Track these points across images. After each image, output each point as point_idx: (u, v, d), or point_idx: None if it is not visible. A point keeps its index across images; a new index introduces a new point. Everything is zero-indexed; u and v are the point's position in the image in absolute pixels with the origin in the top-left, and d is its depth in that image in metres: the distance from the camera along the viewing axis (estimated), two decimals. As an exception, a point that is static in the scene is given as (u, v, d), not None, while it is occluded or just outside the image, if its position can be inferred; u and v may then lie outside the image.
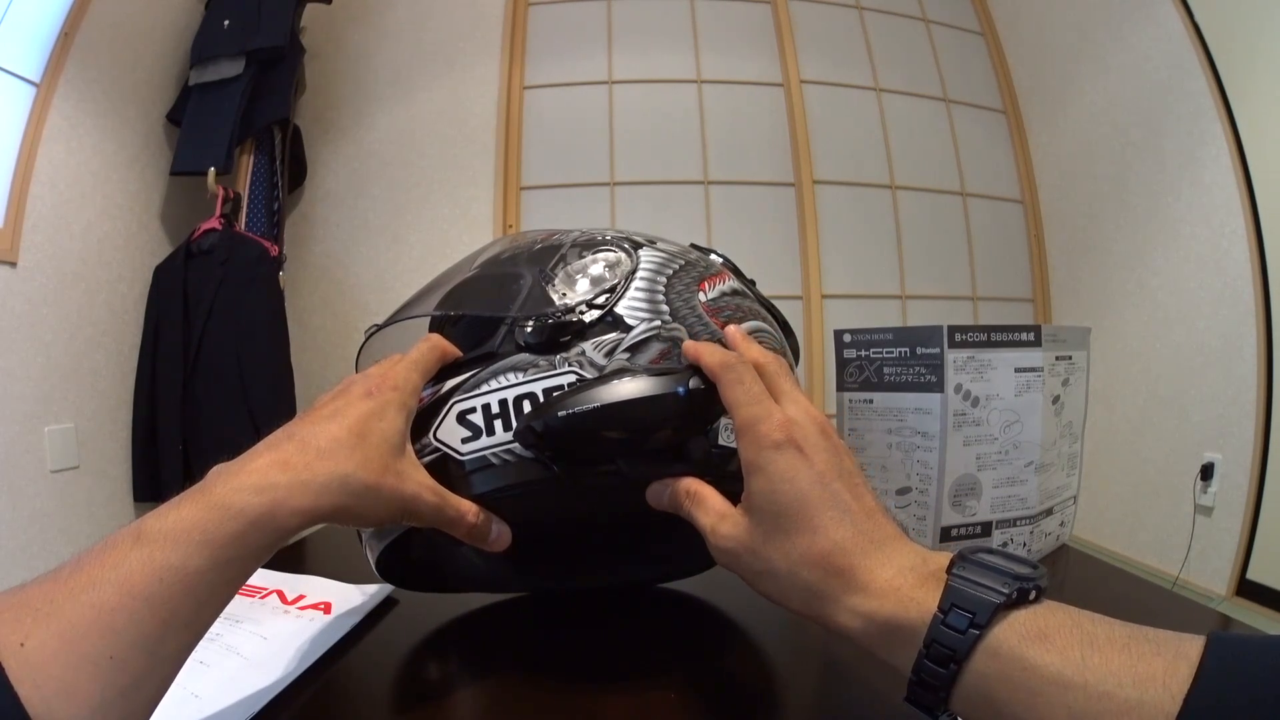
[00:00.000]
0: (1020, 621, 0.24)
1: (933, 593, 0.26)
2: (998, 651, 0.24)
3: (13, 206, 1.64)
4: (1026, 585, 0.25)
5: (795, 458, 0.30)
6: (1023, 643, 0.24)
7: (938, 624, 0.25)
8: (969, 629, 0.24)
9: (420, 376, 0.35)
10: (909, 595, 0.27)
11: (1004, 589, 0.25)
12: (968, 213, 2.55)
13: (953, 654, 0.24)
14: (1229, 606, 1.77)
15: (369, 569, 0.41)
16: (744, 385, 0.32)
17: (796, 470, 0.30)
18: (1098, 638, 0.23)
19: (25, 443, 1.65)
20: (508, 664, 0.41)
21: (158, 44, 2.08)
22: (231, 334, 1.92)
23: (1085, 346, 0.63)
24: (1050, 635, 0.24)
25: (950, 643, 0.24)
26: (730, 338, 0.37)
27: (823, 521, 0.29)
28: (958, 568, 0.27)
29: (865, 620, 0.27)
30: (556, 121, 2.44)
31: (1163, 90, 2.09)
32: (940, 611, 0.25)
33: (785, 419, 0.31)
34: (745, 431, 0.31)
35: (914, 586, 0.27)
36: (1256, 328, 1.82)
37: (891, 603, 0.27)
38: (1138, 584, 0.57)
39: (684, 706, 0.36)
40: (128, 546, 0.26)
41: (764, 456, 0.30)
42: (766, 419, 0.31)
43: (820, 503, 0.29)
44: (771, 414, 0.31)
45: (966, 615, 0.25)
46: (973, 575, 0.26)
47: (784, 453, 0.30)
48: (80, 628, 0.23)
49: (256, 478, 0.29)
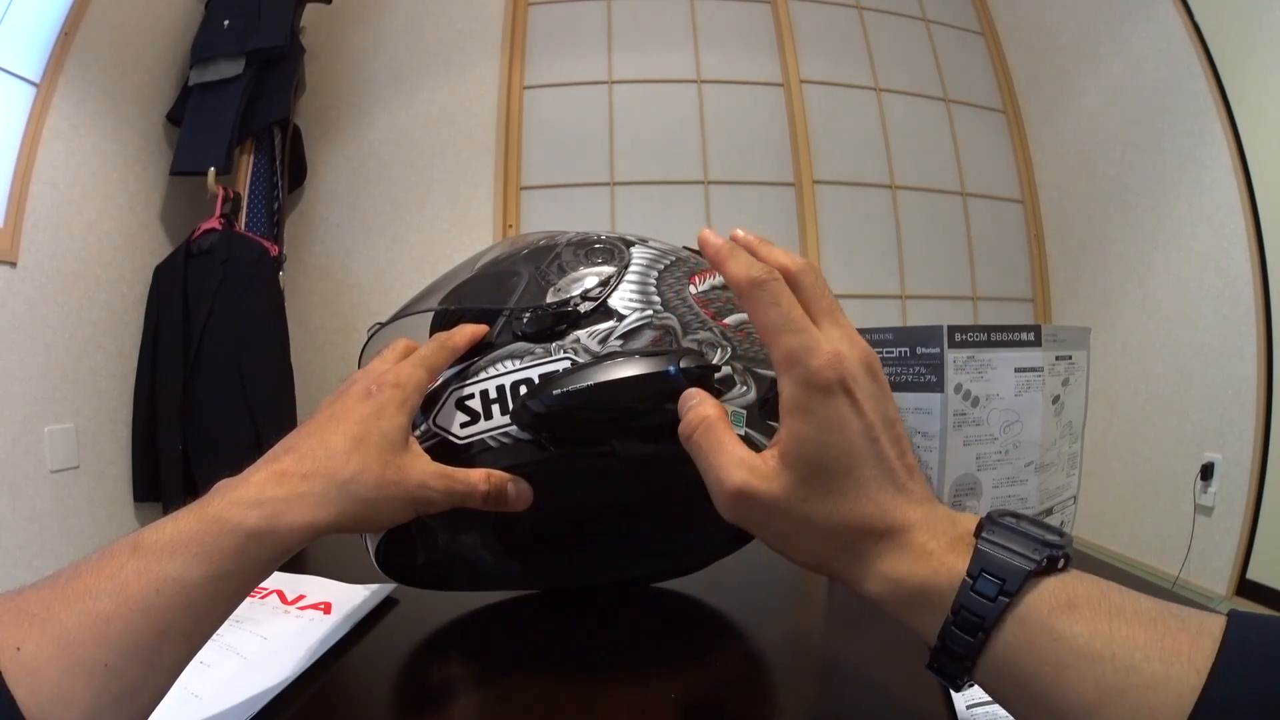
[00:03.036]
0: (1049, 590, 0.24)
1: (962, 557, 0.25)
2: (1026, 620, 0.23)
3: (13, 206, 1.64)
4: (1055, 552, 0.24)
5: (846, 405, 0.27)
6: (1052, 612, 0.23)
7: (967, 590, 0.24)
8: (999, 596, 0.23)
9: (426, 373, 0.35)
10: (940, 559, 0.25)
11: (1034, 555, 0.24)
12: (968, 213, 2.55)
13: (981, 621, 0.24)
14: (1229, 606, 1.76)
15: (369, 569, 0.41)
16: (780, 308, 0.28)
17: (847, 420, 0.27)
18: (1125, 610, 0.23)
19: (25, 443, 1.65)
20: (508, 664, 0.41)
21: (158, 44, 2.08)
22: (231, 334, 1.92)
23: (1085, 346, 0.63)
24: (1079, 605, 0.23)
25: (979, 610, 0.24)
26: (745, 242, 0.31)
27: (868, 482, 0.27)
28: (987, 530, 0.25)
29: (894, 585, 0.26)
30: (556, 121, 2.44)
31: (1163, 90, 2.09)
32: (969, 577, 0.24)
33: (835, 354, 0.27)
34: (789, 366, 0.27)
35: (945, 550, 0.26)
36: (1256, 328, 1.82)
37: (923, 567, 0.25)
38: (1138, 584, 0.57)
39: (684, 706, 0.36)
40: (125, 556, 0.26)
41: (813, 400, 0.27)
42: (814, 352, 0.27)
43: (868, 459, 0.27)
44: (819, 346, 0.27)
45: (996, 582, 0.24)
46: (1002, 540, 0.25)
47: (834, 398, 0.27)
48: (76, 635, 0.23)
49: (255, 491, 0.28)
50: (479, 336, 0.37)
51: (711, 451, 0.29)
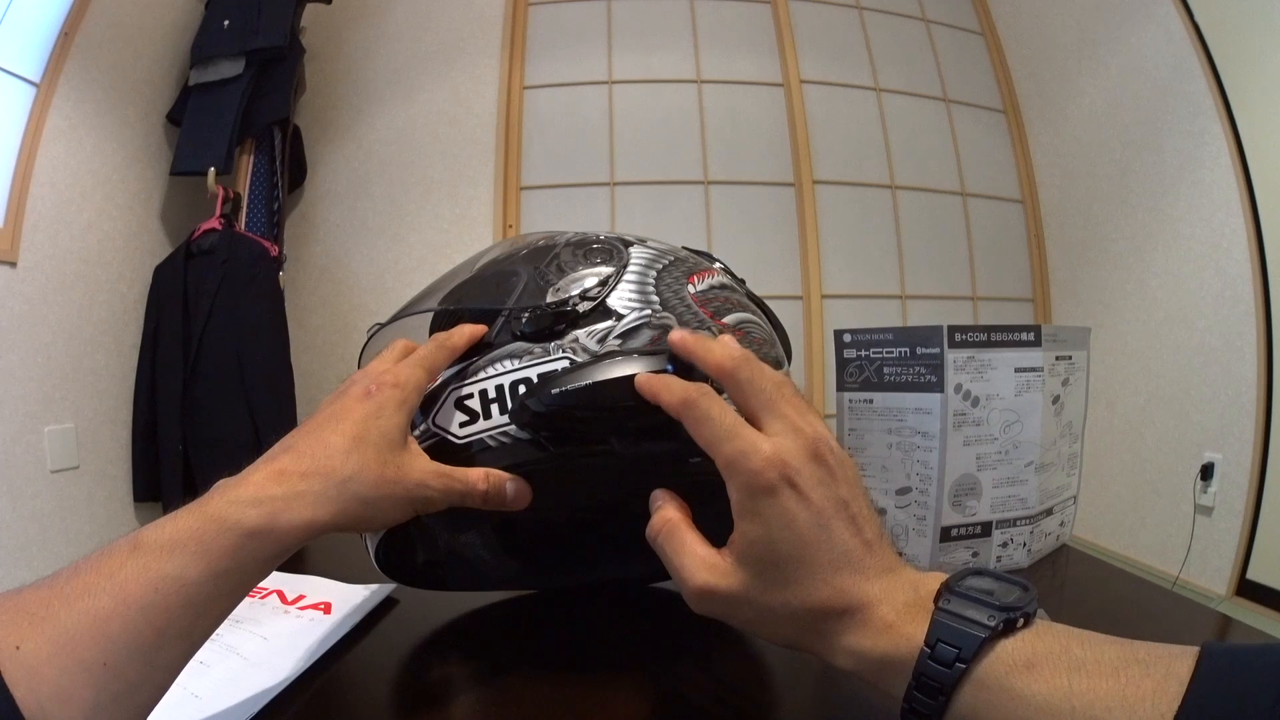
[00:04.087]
0: (1007, 651, 0.24)
1: (920, 626, 0.26)
2: (985, 683, 0.24)
3: (13, 206, 1.64)
4: (1013, 615, 0.25)
5: (791, 499, 0.28)
6: (1010, 673, 0.24)
7: (925, 659, 0.25)
8: (955, 663, 0.24)
9: (425, 373, 0.35)
10: (900, 630, 0.26)
11: (989, 621, 0.25)
12: (968, 213, 2.55)
13: (940, 686, 0.25)
14: (1229, 606, 1.77)
15: (369, 569, 0.41)
16: (713, 420, 0.29)
17: (793, 515, 0.28)
18: (1086, 663, 0.23)
19: (25, 443, 1.65)
20: (508, 664, 0.41)
21: (158, 44, 2.08)
22: (231, 334, 1.92)
23: (1085, 346, 0.63)
24: (1037, 664, 0.24)
25: (937, 677, 0.25)
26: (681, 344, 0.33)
27: (823, 568, 0.28)
28: (943, 600, 0.26)
29: (859, 658, 0.27)
30: (556, 121, 2.44)
31: (1163, 90, 2.10)
32: (927, 646, 0.25)
33: (772, 454, 0.28)
34: (730, 472, 0.29)
35: (905, 621, 0.27)
36: (1256, 328, 1.82)
37: (885, 640, 0.27)
38: (1138, 584, 0.57)
39: (684, 706, 0.36)
40: (124, 555, 0.26)
41: (757, 502, 0.28)
42: (752, 455, 0.28)
43: (820, 547, 0.28)
44: (757, 449, 0.28)
45: (953, 649, 0.25)
46: (958, 608, 0.26)
47: (777, 496, 0.28)
48: (75, 633, 0.23)
49: (253, 490, 0.29)
50: (478, 336, 0.37)
51: (675, 554, 0.31)
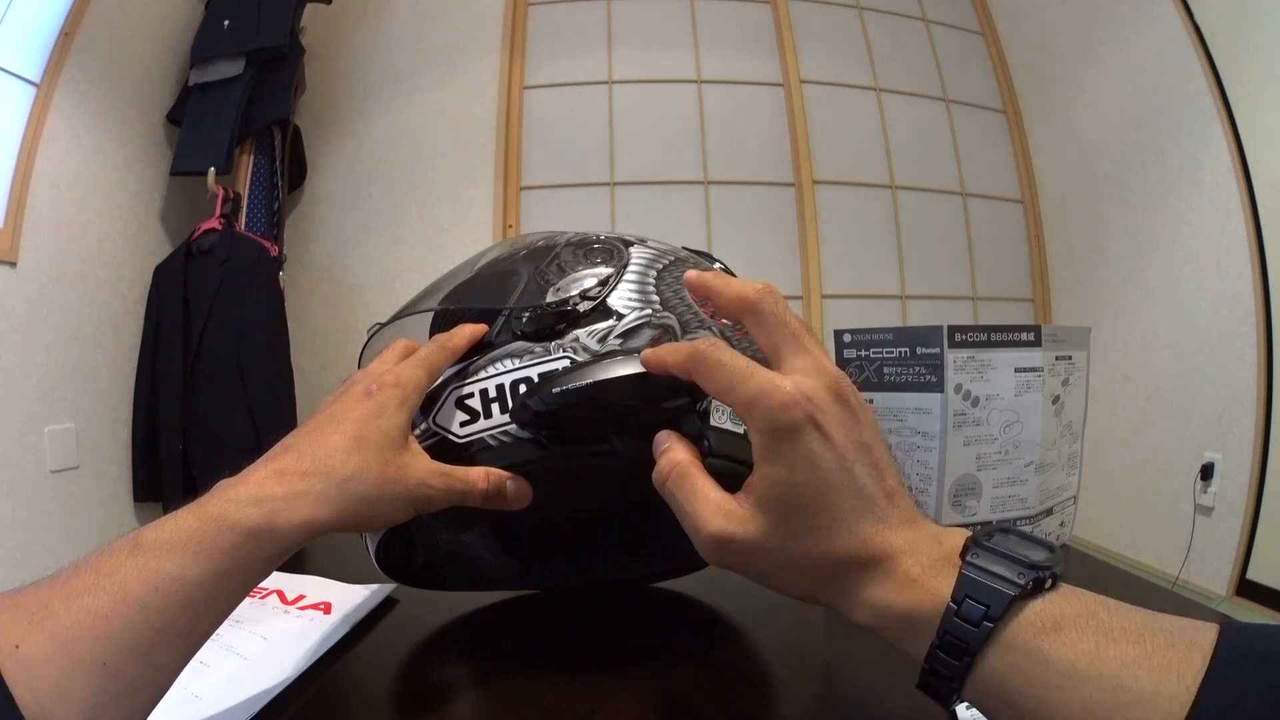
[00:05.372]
0: (1035, 612, 0.24)
1: (947, 580, 0.25)
2: (1011, 644, 0.23)
3: (13, 206, 1.64)
4: (1042, 574, 0.24)
5: (815, 440, 0.26)
6: (1038, 635, 0.23)
7: (951, 616, 0.24)
8: (982, 622, 0.24)
9: (426, 373, 0.35)
10: (925, 585, 0.25)
11: (1018, 579, 0.24)
12: (968, 213, 2.55)
13: (966, 646, 0.24)
14: (1229, 606, 1.77)
15: (369, 569, 0.41)
16: (725, 365, 0.28)
17: (818, 456, 0.26)
18: (1112, 628, 0.23)
19: (25, 443, 1.65)
20: (508, 664, 0.41)
21: (158, 44, 2.08)
22: (231, 334, 1.92)
23: (1085, 346, 0.63)
24: (1065, 626, 0.23)
25: (964, 635, 0.24)
26: (698, 283, 0.32)
27: (846, 514, 0.26)
28: (971, 554, 0.26)
29: (881, 613, 0.26)
30: (556, 121, 2.44)
31: (1163, 90, 2.10)
32: (954, 602, 0.24)
33: (795, 391, 0.26)
34: (751, 412, 0.27)
35: (931, 576, 0.26)
36: (1256, 328, 1.82)
37: (908, 594, 0.26)
38: (1138, 584, 0.57)
39: (684, 706, 0.36)
40: (124, 554, 0.26)
41: (780, 443, 0.26)
42: (773, 393, 0.27)
43: (844, 492, 0.26)
44: (778, 387, 0.27)
45: (980, 607, 0.24)
46: (986, 564, 0.25)
47: (801, 436, 0.26)
48: (75, 633, 0.23)
49: (254, 489, 0.28)
50: (478, 336, 0.37)
51: (686, 499, 0.29)
